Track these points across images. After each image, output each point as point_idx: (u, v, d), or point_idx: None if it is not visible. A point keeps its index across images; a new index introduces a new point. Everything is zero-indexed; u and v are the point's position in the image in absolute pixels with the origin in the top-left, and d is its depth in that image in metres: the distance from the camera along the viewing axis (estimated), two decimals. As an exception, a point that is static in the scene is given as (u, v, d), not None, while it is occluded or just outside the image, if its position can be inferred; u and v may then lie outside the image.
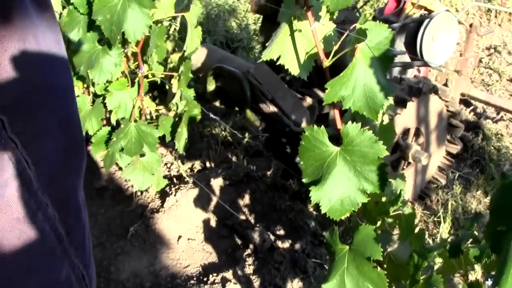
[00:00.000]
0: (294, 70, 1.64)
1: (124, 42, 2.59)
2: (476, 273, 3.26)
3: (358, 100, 1.47)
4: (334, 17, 1.63)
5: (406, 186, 1.91)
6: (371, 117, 1.49)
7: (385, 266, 1.62)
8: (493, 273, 1.45)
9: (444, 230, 3.74)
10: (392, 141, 1.89)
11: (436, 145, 3.79)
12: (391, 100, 1.54)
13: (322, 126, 1.51)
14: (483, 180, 4.26)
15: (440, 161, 3.96)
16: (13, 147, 0.72)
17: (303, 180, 1.54)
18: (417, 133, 3.63)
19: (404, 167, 3.67)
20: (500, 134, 4.89)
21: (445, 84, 4.10)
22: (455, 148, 3.94)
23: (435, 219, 3.85)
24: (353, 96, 1.47)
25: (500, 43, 6.43)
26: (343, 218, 1.54)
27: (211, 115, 3.66)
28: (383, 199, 1.83)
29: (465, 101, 4.92)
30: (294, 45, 1.64)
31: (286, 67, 1.63)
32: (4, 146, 0.71)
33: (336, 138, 1.55)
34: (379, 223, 1.84)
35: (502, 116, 5.16)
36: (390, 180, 1.62)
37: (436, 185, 4.05)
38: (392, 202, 1.77)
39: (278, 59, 1.63)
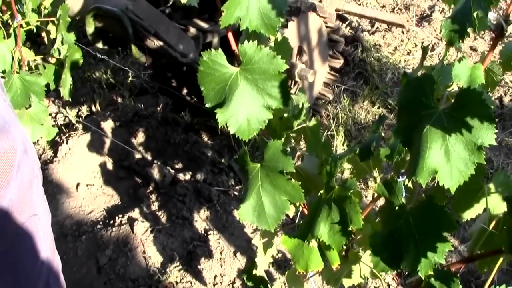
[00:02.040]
0: (183, -2, 1.61)
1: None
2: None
3: (254, 19, 1.48)
4: None
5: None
6: (269, 34, 1.50)
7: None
8: (403, 170, 1.52)
9: (339, 143, 3.86)
10: (289, 56, 1.91)
11: (319, 61, 3.87)
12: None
13: (220, 49, 1.51)
14: (368, 91, 4.40)
15: (325, 76, 4.05)
16: None
17: (206, 105, 1.54)
18: (300, 52, 3.69)
19: (291, 86, 3.73)
20: (378, 45, 5.04)
21: (320, 1, 4.17)
22: (338, 63, 4.04)
23: (329, 133, 3.96)
24: (249, 16, 1.47)
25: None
26: (251, 138, 1.56)
27: (99, 56, 3.57)
28: (285, 114, 1.87)
29: (340, 16, 5.02)
30: (181, -26, 1.60)
31: (174, -4, 1.59)
32: None
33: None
34: (283, 139, 1.88)
35: (377, 28, 5.31)
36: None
37: (324, 101, 4.15)
38: (296, 116, 1.81)
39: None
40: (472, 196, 1.68)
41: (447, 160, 1.21)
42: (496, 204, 1.66)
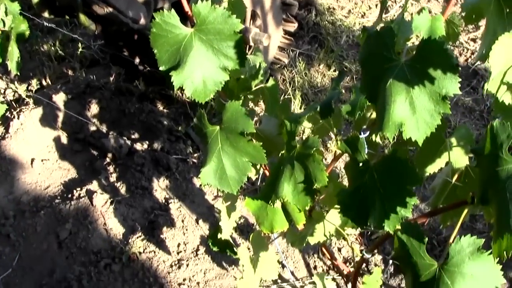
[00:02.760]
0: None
1: None
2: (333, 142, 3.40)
3: (204, -21, 1.45)
4: None
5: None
6: (219, -6, 1.47)
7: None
8: (364, 127, 1.51)
9: (296, 107, 3.85)
10: (244, 16, 1.88)
11: (273, 25, 3.83)
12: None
13: (173, 10, 1.47)
14: (323, 54, 4.38)
15: (280, 41, 4.01)
16: None
17: (160, 69, 1.50)
18: (254, 16, 3.64)
19: (246, 51, 3.68)
20: (332, 8, 5.02)
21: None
22: (292, 26, 4.00)
23: (286, 97, 3.94)
24: (199, -24, 1.44)
25: None
26: (208, 100, 1.53)
27: (47, 24, 3.47)
28: (242, 76, 1.84)
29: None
30: None
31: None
32: None
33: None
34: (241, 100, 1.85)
35: (332, -10, 5.29)
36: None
37: (279, 65, 4.12)
38: (253, 76, 1.78)
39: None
40: (434, 150, 1.68)
41: (413, 112, 1.20)
42: (458, 157, 1.66)
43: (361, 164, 1.40)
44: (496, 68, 1.22)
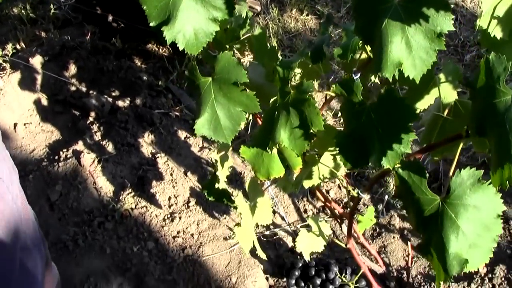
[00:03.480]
0: None
1: None
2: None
3: None
4: None
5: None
6: None
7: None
8: (355, 69, 1.53)
9: (273, 52, 3.84)
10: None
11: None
12: None
13: (158, -36, 1.47)
14: (295, -2, 4.37)
15: (251, -12, 4.00)
16: None
17: (151, 24, 1.50)
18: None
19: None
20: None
21: None
22: (262, -27, 3.99)
23: (262, 43, 3.93)
24: None
25: None
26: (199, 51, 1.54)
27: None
28: (229, 26, 1.84)
29: None
30: None
31: None
32: None
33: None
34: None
35: None
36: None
37: (253, 13, 4.11)
38: (241, 25, 1.79)
39: None
40: (424, 87, 1.71)
41: (409, 51, 1.22)
42: (447, 92, 1.69)
43: (357, 106, 1.43)
44: (487, 2, 1.24)
